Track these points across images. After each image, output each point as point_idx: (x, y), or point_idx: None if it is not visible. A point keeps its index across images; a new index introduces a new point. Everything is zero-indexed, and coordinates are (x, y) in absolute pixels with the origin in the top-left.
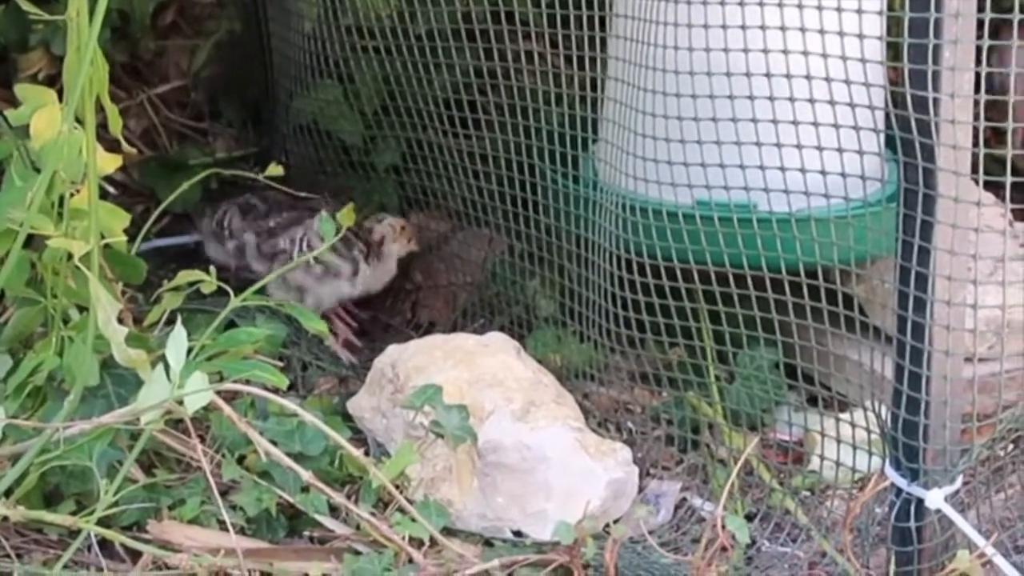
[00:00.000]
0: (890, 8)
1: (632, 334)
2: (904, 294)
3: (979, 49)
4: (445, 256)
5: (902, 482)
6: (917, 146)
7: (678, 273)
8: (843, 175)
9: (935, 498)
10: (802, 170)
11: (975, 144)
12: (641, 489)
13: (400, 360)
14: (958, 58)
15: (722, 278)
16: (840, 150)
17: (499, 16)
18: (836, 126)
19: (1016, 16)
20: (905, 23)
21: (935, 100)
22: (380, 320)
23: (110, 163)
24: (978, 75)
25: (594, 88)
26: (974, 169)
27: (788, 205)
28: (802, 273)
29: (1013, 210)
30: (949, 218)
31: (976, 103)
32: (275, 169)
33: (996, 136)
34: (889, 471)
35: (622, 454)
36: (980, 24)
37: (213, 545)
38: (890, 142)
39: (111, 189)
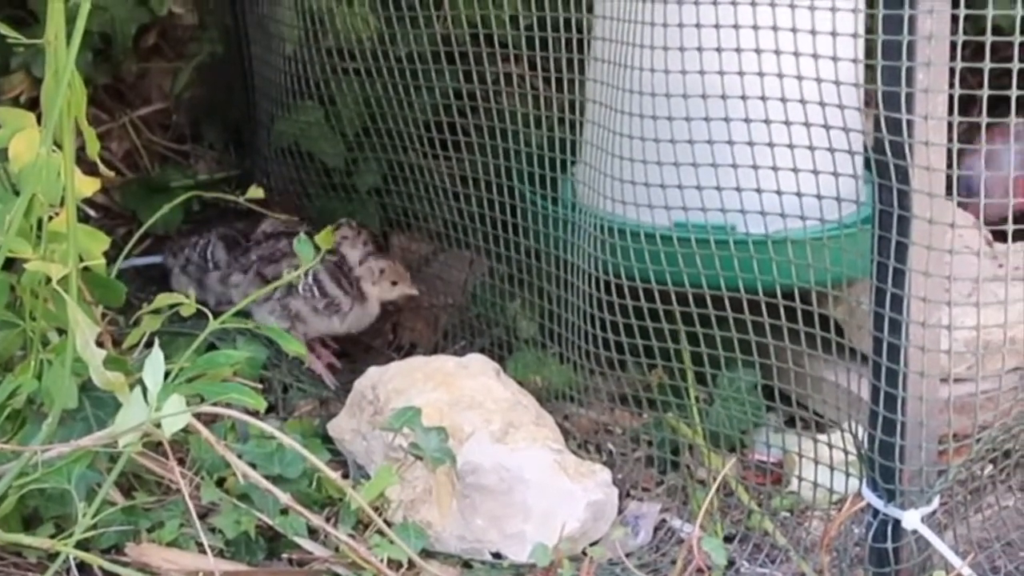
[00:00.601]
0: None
1: (612, 356)
2: (879, 315)
3: (952, 71)
4: (426, 278)
5: (879, 503)
6: (891, 167)
7: (656, 295)
8: (819, 197)
9: (912, 519)
10: (778, 192)
11: (949, 165)
12: (621, 511)
13: (380, 382)
14: (931, 80)
15: (700, 300)
16: (816, 172)
17: (479, 38)
18: (811, 148)
19: (988, 39)
20: (879, 45)
21: (908, 122)
22: (361, 342)
23: (88, 186)
24: (951, 97)
25: (573, 111)
26: (948, 191)
27: (764, 227)
28: (779, 295)
29: (994, 232)
30: (924, 239)
31: (950, 125)
32: (256, 191)
33: None
34: (866, 492)
35: (601, 475)
36: (953, 46)
37: (192, 568)
38: (867, 164)
39: (92, 212)
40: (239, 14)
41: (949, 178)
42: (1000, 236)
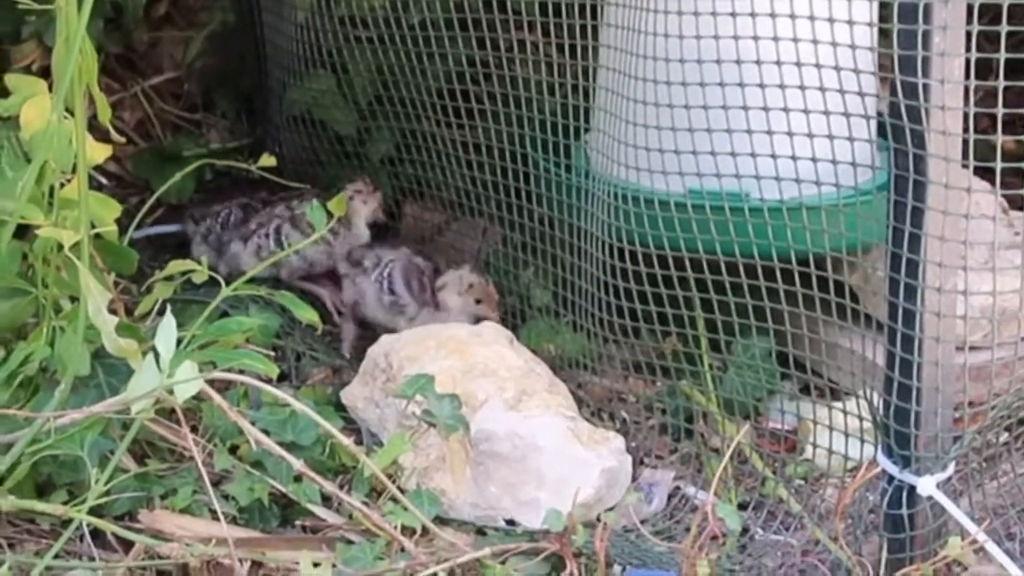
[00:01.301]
0: None
1: (626, 323)
2: (895, 281)
3: (969, 35)
4: (440, 246)
5: (894, 469)
6: (907, 132)
7: (670, 262)
8: (834, 163)
9: (927, 485)
10: (793, 158)
11: (965, 130)
12: (635, 478)
13: (393, 350)
14: (948, 44)
15: (715, 266)
16: (831, 137)
17: (492, 5)
18: (826, 113)
19: (1006, 2)
20: (895, 9)
21: (925, 86)
22: None
23: (100, 153)
24: (967, 60)
25: (587, 77)
26: (965, 155)
27: (779, 193)
28: (794, 261)
29: (1012, 197)
30: (939, 204)
31: (966, 89)
32: (268, 160)
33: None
34: (881, 459)
35: (615, 443)
36: (970, 9)
37: (205, 535)
38: (883, 130)
39: (105, 180)
40: None
41: (965, 143)
42: (1015, 203)
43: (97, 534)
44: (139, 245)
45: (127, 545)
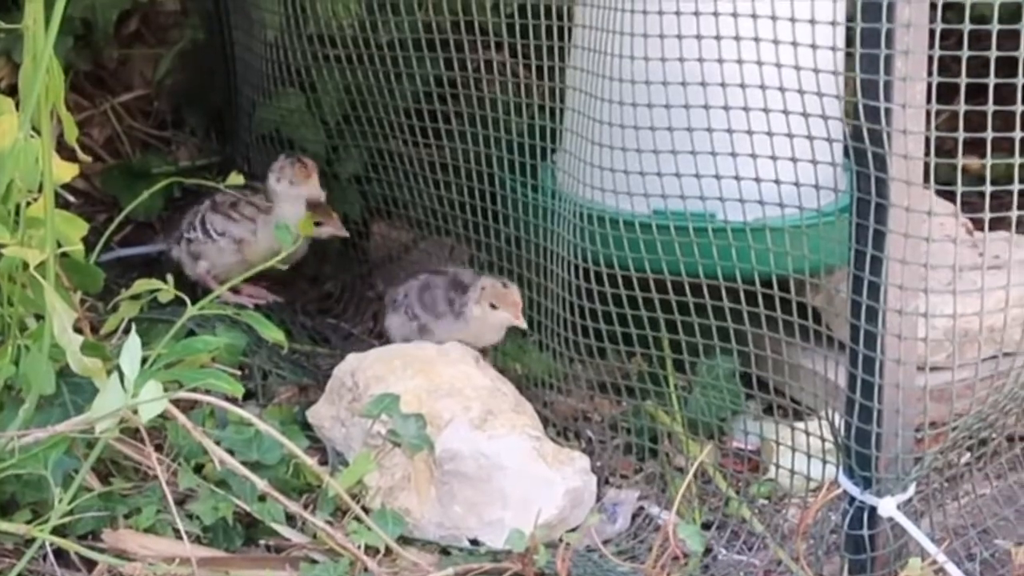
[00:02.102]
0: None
1: (591, 343)
2: (857, 303)
3: (931, 59)
4: (407, 265)
5: (855, 490)
6: (869, 155)
7: (636, 282)
8: (797, 184)
9: (887, 506)
10: (757, 179)
11: (927, 154)
12: (599, 498)
13: (360, 369)
14: (910, 68)
15: (679, 287)
16: (794, 160)
17: (461, 25)
18: (790, 135)
19: (967, 27)
20: (857, 33)
21: (887, 110)
22: (342, 329)
23: (66, 171)
24: (930, 85)
25: (554, 98)
26: (926, 179)
27: (743, 215)
28: (758, 282)
29: (978, 219)
30: (901, 227)
31: (928, 113)
32: (236, 178)
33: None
34: (842, 479)
35: (580, 463)
36: (932, 34)
37: (168, 554)
38: (847, 152)
39: (72, 198)
40: (221, 0)
41: (927, 166)
42: (980, 224)
43: (61, 554)
44: (106, 264)
45: (90, 565)
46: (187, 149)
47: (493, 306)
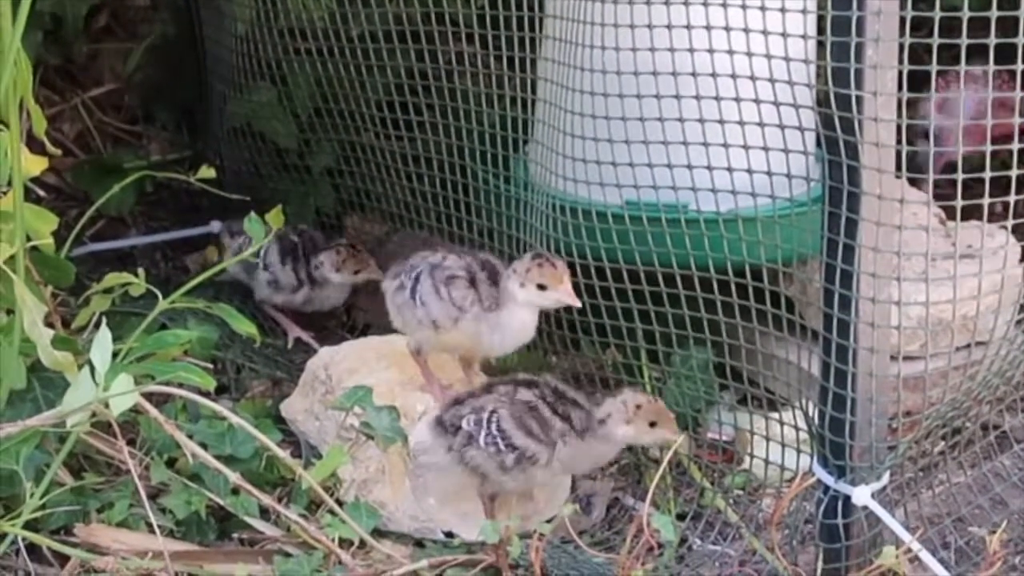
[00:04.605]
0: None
1: (566, 335)
2: (829, 291)
3: (901, 47)
4: (381, 258)
5: (829, 479)
6: (841, 144)
7: (609, 273)
8: (770, 174)
9: (862, 495)
10: (729, 169)
11: (899, 142)
12: (574, 489)
13: (333, 362)
14: (881, 56)
15: (653, 278)
16: (766, 149)
17: (432, 18)
18: (761, 125)
19: (937, 14)
20: (828, 21)
21: (858, 98)
22: (316, 322)
23: (36, 165)
24: (900, 73)
25: (526, 89)
26: (898, 167)
27: (716, 205)
28: (731, 273)
29: (947, 208)
30: (873, 216)
31: (899, 101)
32: (207, 171)
33: None
34: (817, 468)
35: None
36: (902, 21)
37: (141, 548)
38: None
39: (43, 193)
40: None
41: (899, 154)
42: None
43: (33, 548)
44: (81, 258)
45: (63, 559)
46: (158, 144)
47: (653, 424)
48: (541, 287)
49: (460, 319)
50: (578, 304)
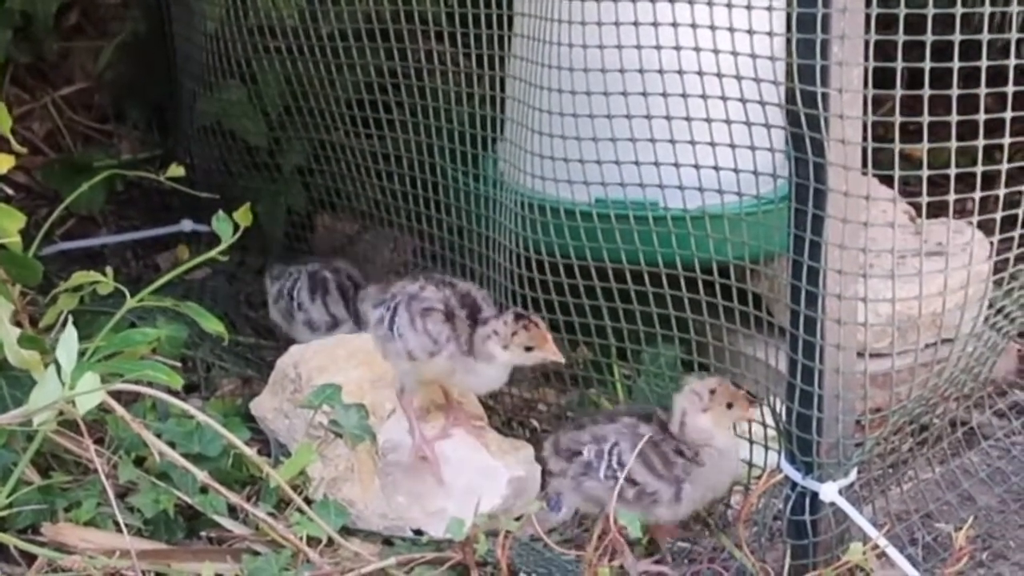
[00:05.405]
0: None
1: None
2: (796, 288)
3: (867, 44)
4: (352, 257)
5: (796, 476)
6: (807, 141)
7: (578, 271)
8: (736, 172)
9: (829, 491)
10: (696, 167)
11: (865, 139)
12: (544, 487)
13: (302, 360)
14: (846, 53)
15: (621, 275)
16: (733, 147)
17: (403, 16)
18: (728, 123)
19: (902, 11)
20: (793, 18)
21: (824, 95)
22: None
23: (2, 163)
24: (866, 70)
25: (496, 87)
26: (864, 164)
27: (683, 202)
28: (698, 270)
29: (916, 205)
30: (839, 212)
31: (865, 98)
32: (177, 170)
33: None
34: (784, 465)
35: (524, 452)
36: (868, 19)
37: (109, 547)
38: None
39: (12, 192)
40: None
41: (865, 151)
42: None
43: (0, 547)
44: (48, 257)
45: (30, 559)
46: (128, 142)
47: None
48: (528, 349)
49: (436, 354)
50: (563, 361)
